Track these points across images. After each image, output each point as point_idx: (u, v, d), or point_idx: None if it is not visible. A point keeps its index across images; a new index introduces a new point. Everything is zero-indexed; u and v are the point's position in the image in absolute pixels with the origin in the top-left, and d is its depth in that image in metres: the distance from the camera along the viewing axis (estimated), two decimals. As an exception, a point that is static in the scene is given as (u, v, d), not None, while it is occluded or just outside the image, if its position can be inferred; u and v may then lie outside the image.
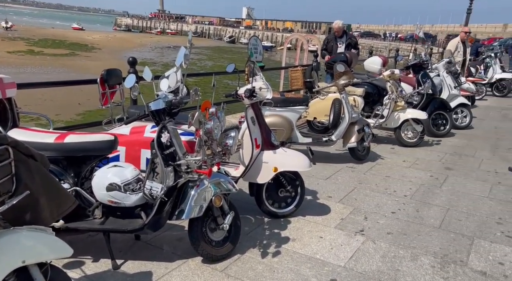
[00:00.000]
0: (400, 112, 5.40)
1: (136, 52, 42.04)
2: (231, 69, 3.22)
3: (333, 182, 3.99)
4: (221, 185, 2.48)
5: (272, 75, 13.44)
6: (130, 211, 2.38)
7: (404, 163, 4.70)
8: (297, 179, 3.16)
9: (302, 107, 4.48)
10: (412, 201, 3.57)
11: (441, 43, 32.40)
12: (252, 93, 2.97)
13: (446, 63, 6.80)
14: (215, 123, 2.31)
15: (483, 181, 4.11)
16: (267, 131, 3.11)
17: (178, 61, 2.38)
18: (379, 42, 48.56)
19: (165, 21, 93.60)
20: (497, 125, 6.91)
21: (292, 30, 78.98)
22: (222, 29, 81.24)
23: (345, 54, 6.60)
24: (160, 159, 2.27)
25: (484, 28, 53.21)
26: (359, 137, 4.57)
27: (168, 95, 2.39)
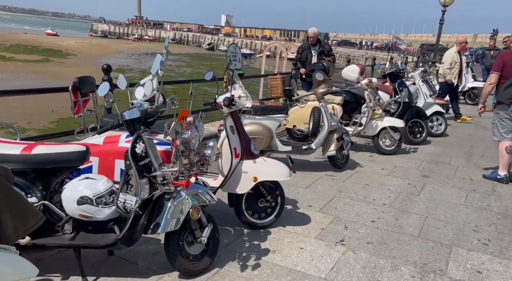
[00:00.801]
0: (378, 120, 5.46)
1: (113, 59, 41.34)
2: (209, 77, 3.15)
3: (313, 191, 3.97)
4: (199, 197, 2.40)
5: (252, 83, 13.44)
6: (103, 225, 2.27)
7: (383, 171, 4.73)
8: (277, 188, 3.11)
9: (281, 115, 4.47)
10: (391, 209, 3.58)
11: (415, 52, 33.36)
12: (231, 101, 2.92)
13: (422, 72, 6.96)
14: (192, 132, 2.24)
15: (459, 189, 4.17)
16: (246, 140, 3.05)
17: (154, 68, 2.30)
18: (356, 50, 49.57)
19: (143, 27, 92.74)
20: (470, 133, 7.10)
21: (271, 38, 79.71)
22: (201, 36, 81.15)
23: (322, 63, 6.66)
24: (135, 171, 2.17)
25: (456, 38, 55.21)
26: (338, 145, 4.58)
27: (144, 104, 2.31)
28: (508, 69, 4.35)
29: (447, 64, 7.72)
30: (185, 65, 44.80)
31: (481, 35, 52.00)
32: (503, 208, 3.67)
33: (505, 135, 4.43)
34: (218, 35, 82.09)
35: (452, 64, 7.64)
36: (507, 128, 4.41)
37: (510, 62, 4.37)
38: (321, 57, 6.96)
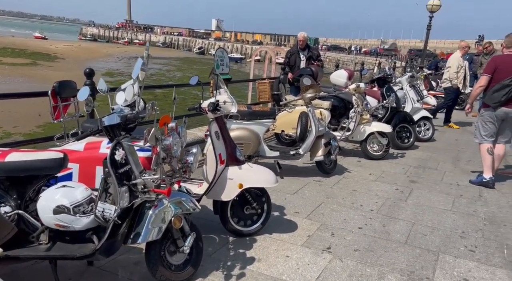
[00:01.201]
0: (365, 125, 5.46)
1: (102, 62, 40.99)
2: (194, 82, 3.10)
3: (301, 197, 3.92)
4: (182, 205, 2.34)
5: (242, 87, 13.41)
6: (81, 235, 2.18)
7: (370, 176, 4.72)
8: (263, 195, 3.06)
9: (269, 120, 4.43)
10: (378, 215, 3.55)
11: (403, 57, 33.75)
12: (216, 106, 2.86)
13: (409, 77, 7.00)
14: (174, 139, 2.18)
15: (446, 194, 4.17)
16: (232, 146, 3.00)
17: (135, 73, 2.24)
18: (345, 55, 49.97)
19: (133, 31, 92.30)
20: (457, 138, 7.15)
21: (261, 43, 79.98)
22: (192, 40, 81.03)
23: (311, 68, 6.66)
24: (114, 179, 2.10)
25: (443, 44, 56.10)
26: (326, 151, 4.56)
27: (124, 109, 2.24)
28: (499, 73, 4.36)
29: (454, 68, 7.73)
30: (175, 69, 44.65)
31: (467, 41, 52.88)
32: (490, 214, 3.67)
33: (486, 138, 4.50)
34: (209, 40, 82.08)
35: (459, 68, 7.71)
36: (489, 132, 4.47)
37: (502, 66, 4.38)
38: (310, 62, 6.97)
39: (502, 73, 4.33)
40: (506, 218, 3.60)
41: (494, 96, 4.35)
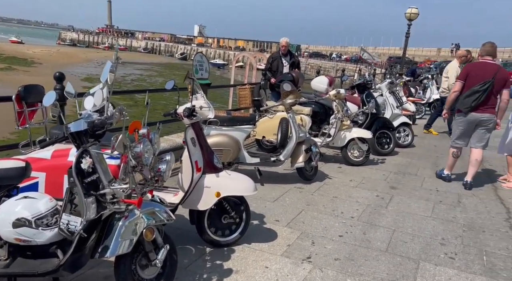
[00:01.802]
0: (346, 131, 5.44)
1: (82, 68, 40.27)
2: (170, 86, 3.01)
3: (281, 204, 3.85)
4: (155, 215, 2.21)
5: (224, 93, 13.30)
6: (44, 249, 2.04)
7: (351, 182, 4.69)
8: (242, 204, 2.96)
9: (249, 126, 4.35)
10: (359, 223, 3.50)
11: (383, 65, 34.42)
12: (192, 112, 2.77)
13: (389, 83, 7.06)
14: (145, 146, 2.07)
15: (426, 200, 4.17)
16: (209, 153, 2.90)
17: (104, 76, 2.13)
18: (326, 62, 50.60)
19: (114, 36, 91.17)
20: (436, 144, 7.23)
21: (244, 49, 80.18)
22: (174, 46, 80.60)
23: (292, 74, 6.64)
24: (79, 189, 1.97)
25: (421, 51, 57.51)
26: (306, 157, 4.50)
27: (93, 115, 2.11)
28: (471, 79, 4.52)
29: (453, 78, 7.72)
30: (157, 74, 44.25)
31: (444, 49, 54.42)
32: (468, 220, 3.67)
33: (457, 141, 4.73)
34: (191, 45, 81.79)
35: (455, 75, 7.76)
36: (460, 136, 4.69)
37: (472, 73, 4.55)
38: (293, 68, 6.97)
39: (474, 80, 4.48)
40: (485, 224, 3.61)
41: (465, 101, 4.51)
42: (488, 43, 4.63)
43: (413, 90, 10.83)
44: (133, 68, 50.83)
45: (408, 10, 15.47)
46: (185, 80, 2.87)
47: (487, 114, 4.50)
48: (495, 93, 4.47)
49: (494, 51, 4.66)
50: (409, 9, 15.47)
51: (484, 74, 4.45)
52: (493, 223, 3.63)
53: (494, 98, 4.51)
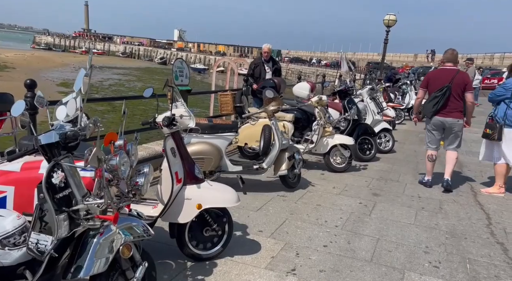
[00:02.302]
0: (328, 138, 5.43)
1: (58, 72, 39.30)
2: (148, 94, 2.89)
3: (264, 214, 3.77)
4: (133, 231, 2.09)
5: (205, 98, 13.16)
6: (11, 271, 1.89)
7: (334, 189, 4.66)
8: (224, 215, 2.86)
9: (231, 134, 4.28)
10: (343, 232, 3.46)
11: (362, 70, 34.99)
12: (172, 121, 2.66)
13: (369, 89, 7.12)
14: (122, 158, 1.95)
15: (408, 207, 4.17)
16: (190, 163, 2.80)
17: (77, 85, 2.01)
18: (307, 67, 51.08)
19: (91, 40, 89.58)
20: (416, 149, 7.32)
21: (224, 54, 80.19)
22: (153, 50, 79.82)
23: (274, 80, 6.60)
24: (50, 205, 1.83)
25: (398, 57, 58.81)
26: (289, 164, 4.45)
27: (65, 126, 1.99)
28: (431, 86, 4.83)
29: None
30: (135, 79, 43.59)
31: (420, 54, 55.82)
32: (450, 227, 3.69)
33: (429, 145, 4.97)
34: (171, 50, 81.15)
35: None
36: (431, 139, 4.94)
37: (432, 80, 4.86)
38: (275, 74, 6.95)
39: (433, 86, 4.78)
40: (466, 230, 3.63)
41: (427, 106, 4.81)
42: (449, 50, 4.87)
43: (392, 96, 10.99)
44: (111, 72, 49.96)
45: (386, 17, 15.76)
46: (164, 88, 2.77)
47: (450, 118, 4.69)
48: (456, 96, 4.66)
49: (454, 57, 4.86)
50: (387, 16, 15.76)
51: (442, 80, 4.71)
52: (474, 229, 3.66)
53: (456, 101, 4.67)
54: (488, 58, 41.19)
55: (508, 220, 3.92)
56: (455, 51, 4.86)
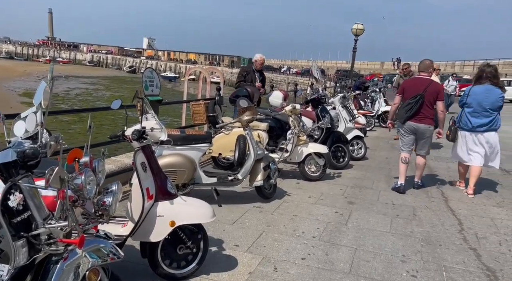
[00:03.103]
0: (303, 147, 5.41)
1: (20, 82, 37.76)
2: (117, 106, 2.75)
3: (240, 227, 3.67)
4: (100, 253, 1.95)
5: (178, 107, 12.92)
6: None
7: (310, 199, 4.62)
8: (199, 231, 2.74)
9: (205, 145, 4.16)
10: (320, 242, 3.41)
11: (332, 78, 35.71)
12: (142, 134, 2.53)
13: (341, 97, 7.20)
14: (87, 177, 1.81)
15: (383, 215, 4.19)
16: (162, 178, 2.67)
17: (37, 98, 1.86)
18: (278, 75, 51.60)
19: (56, 49, 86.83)
20: (387, 155, 7.44)
21: (195, 62, 79.80)
22: (122, 59, 78.31)
23: (247, 89, 6.55)
24: (6, 231, 1.66)
25: (366, 65, 60.56)
26: (265, 175, 4.38)
27: (24, 143, 1.83)
28: (406, 93, 5.10)
29: None
30: (103, 88, 42.52)
31: (387, 62, 57.72)
32: (425, 234, 3.72)
33: (403, 148, 5.20)
34: (140, 58, 79.92)
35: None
36: (404, 143, 5.18)
37: (408, 87, 5.14)
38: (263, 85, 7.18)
39: (408, 93, 5.05)
40: (440, 237, 3.67)
41: (400, 112, 5.09)
42: (425, 60, 5.17)
43: (362, 103, 11.21)
44: (78, 82, 48.51)
45: (354, 26, 16.19)
46: (133, 100, 2.63)
47: (422, 124, 4.95)
48: (428, 104, 4.91)
49: (429, 67, 5.16)
50: (355, 25, 16.20)
51: (417, 88, 4.97)
52: (447, 235, 3.71)
53: (428, 109, 4.93)
54: (450, 65, 43.12)
55: (479, 225, 4.01)
56: (427, 61, 5.15)
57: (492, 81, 4.89)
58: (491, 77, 4.89)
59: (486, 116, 4.87)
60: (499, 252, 3.40)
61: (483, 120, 4.89)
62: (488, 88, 4.86)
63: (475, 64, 34.81)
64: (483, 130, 4.91)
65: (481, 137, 4.95)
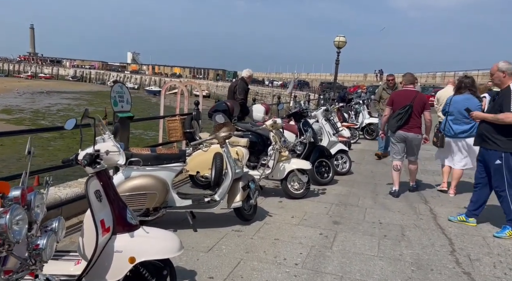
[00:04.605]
0: (285, 163, 5.15)
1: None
2: (71, 126, 2.46)
3: (217, 255, 3.35)
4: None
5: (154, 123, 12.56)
6: None
7: (293, 219, 4.34)
8: (165, 267, 2.42)
9: (178, 164, 3.86)
10: (304, 270, 3.12)
11: (316, 90, 35.87)
12: (95, 158, 2.23)
13: (324, 111, 7.01)
14: (14, 215, 1.50)
15: (370, 236, 3.92)
16: (120, 207, 2.36)
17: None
18: (264, 88, 51.73)
19: (38, 64, 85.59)
20: (372, 169, 7.24)
21: (180, 76, 79.55)
22: (106, 73, 77.60)
23: (226, 103, 6.30)
24: None
25: (349, 77, 61.25)
26: (244, 195, 4.08)
27: None
28: (395, 104, 5.45)
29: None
30: (86, 103, 41.85)
31: (370, 74, 58.49)
32: (415, 257, 3.46)
33: (394, 156, 5.52)
34: (124, 72, 79.30)
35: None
36: (395, 151, 5.49)
37: (396, 99, 5.50)
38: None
39: (397, 105, 5.41)
40: (431, 260, 3.42)
41: (391, 122, 5.44)
42: (408, 74, 5.60)
43: (346, 115, 11.08)
44: (60, 97, 47.69)
45: (337, 38, 16.21)
46: (82, 119, 2.32)
47: (411, 133, 5.33)
48: (416, 114, 5.30)
49: (413, 79, 5.68)
50: (337, 38, 16.21)
51: (405, 100, 5.35)
52: (439, 258, 3.45)
53: (417, 119, 5.33)
54: (431, 77, 43.84)
55: (470, 245, 3.78)
56: (409, 74, 5.60)
57: (471, 90, 5.32)
58: (469, 86, 5.32)
59: (466, 123, 5.26)
60: (495, 276, 3.16)
61: (464, 127, 5.30)
62: (467, 97, 5.24)
63: (456, 75, 35.50)
64: (464, 136, 5.32)
65: (463, 143, 5.37)
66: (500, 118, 3.83)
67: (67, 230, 3.71)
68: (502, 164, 3.89)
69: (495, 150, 3.92)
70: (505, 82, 3.93)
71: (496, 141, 3.91)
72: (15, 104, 37.75)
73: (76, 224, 3.82)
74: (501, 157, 3.89)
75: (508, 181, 3.89)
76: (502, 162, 3.88)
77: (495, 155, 3.93)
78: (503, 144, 3.87)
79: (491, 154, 3.97)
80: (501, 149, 3.89)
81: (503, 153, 3.88)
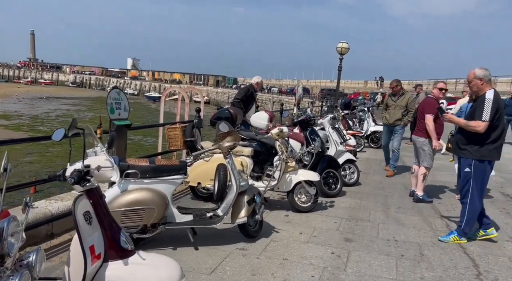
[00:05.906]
0: (292, 174, 4.86)
1: (-2, 103, 36.68)
2: (59, 137, 2.18)
3: (220, 277, 3.05)
4: None
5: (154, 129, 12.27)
6: None
7: (301, 236, 4.04)
8: (163, 297, 2.13)
9: (179, 177, 3.57)
10: (317, 297, 2.81)
11: (317, 97, 35.73)
12: (85, 175, 1.94)
13: (331, 118, 6.73)
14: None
15: (386, 255, 3.62)
16: (113, 230, 2.07)
17: None
18: (264, 94, 51.58)
19: (38, 70, 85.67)
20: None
21: (180, 82, 79.57)
22: (105, 79, 77.62)
23: (229, 111, 6.03)
24: None
25: (350, 83, 61.18)
26: (250, 210, 3.79)
27: None
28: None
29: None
30: (86, 109, 41.68)
31: (370, 81, 58.42)
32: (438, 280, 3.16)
33: (414, 160, 5.76)
34: (124, 78, 79.30)
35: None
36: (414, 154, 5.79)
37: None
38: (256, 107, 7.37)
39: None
40: (457, 283, 3.12)
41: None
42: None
43: (351, 123, 10.80)
44: (59, 103, 47.52)
45: (339, 44, 15.97)
46: (69, 130, 2.04)
47: (415, 136, 5.67)
48: (420, 118, 5.57)
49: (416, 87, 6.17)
50: (340, 44, 15.99)
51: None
52: (464, 282, 3.16)
53: (421, 122, 5.54)
54: (432, 84, 43.80)
55: (497, 267, 3.48)
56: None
57: None
58: None
59: None
60: (530, 304, 2.86)
61: None
62: None
63: (457, 82, 35.32)
64: None
65: None
66: (471, 125, 3.86)
67: (57, 248, 3.42)
68: (470, 172, 3.91)
69: (466, 158, 3.96)
70: (482, 89, 3.91)
71: (468, 148, 3.94)
72: (14, 109, 37.54)
73: (68, 241, 3.52)
74: (470, 165, 3.91)
75: (472, 190, 3.91)
76: (471, 170, 3.91)
77: (465, 163, 3.98)
78: (474, 151, 3.88)
79: (463, 161, 4.04)
80: (471, 157, 3.91)
81: (473, 161, 3.89)
